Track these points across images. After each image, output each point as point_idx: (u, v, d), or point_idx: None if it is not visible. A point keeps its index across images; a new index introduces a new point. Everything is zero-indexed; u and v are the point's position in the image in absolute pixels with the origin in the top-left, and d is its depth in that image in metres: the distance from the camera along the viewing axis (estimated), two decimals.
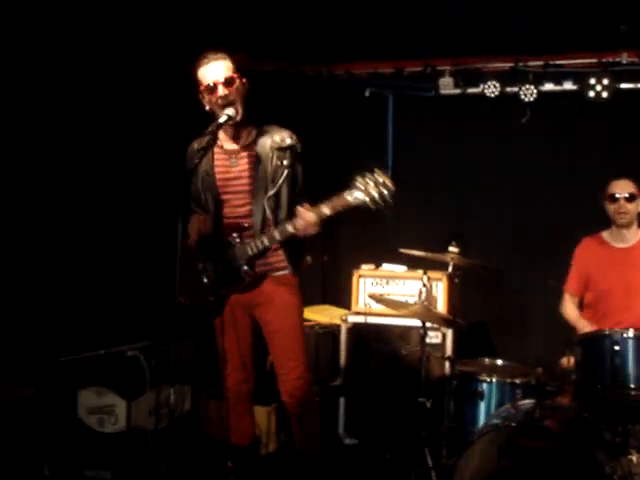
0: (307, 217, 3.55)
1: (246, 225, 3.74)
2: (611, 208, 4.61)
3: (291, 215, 3.68)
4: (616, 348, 3.54)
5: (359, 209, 3.51)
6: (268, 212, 3.70)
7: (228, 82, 3.64)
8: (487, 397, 4.11)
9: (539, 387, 3.89)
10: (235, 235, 3.72)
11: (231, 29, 5.30)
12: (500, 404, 4.08)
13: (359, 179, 3.46)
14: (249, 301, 3.82)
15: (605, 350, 3.56)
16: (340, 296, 5.79)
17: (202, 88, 3.67)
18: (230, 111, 3.60)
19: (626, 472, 3.58)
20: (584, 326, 4.48)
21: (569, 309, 4.75)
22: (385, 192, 3.42)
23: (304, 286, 3.95)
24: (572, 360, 3.93)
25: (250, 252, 3.69)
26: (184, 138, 3.94)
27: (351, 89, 5.96)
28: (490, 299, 5.68)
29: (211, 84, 3.63)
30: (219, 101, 3.61)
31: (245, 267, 3.71)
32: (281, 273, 3.81)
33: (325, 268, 6.16)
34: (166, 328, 3.36)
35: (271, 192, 3.70)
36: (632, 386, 3.50)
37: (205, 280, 3.78)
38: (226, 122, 3.61)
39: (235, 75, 3.67)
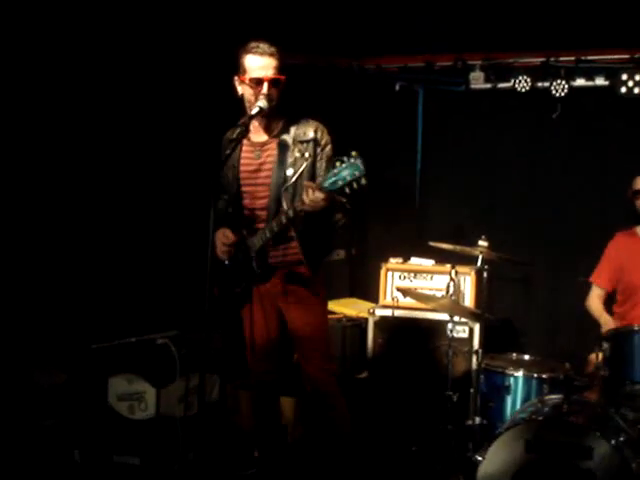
0: (310, 187, 3.47)
1: (261, 216, 3.74)
2: (637, 204, 4.60)
3: None
4: None
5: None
6: (284, 204, 3.67)
7: (275, 83, 3.64)
8: (514, 391, 4.12)
9: (567, 382, 3.87)
10: (250, 227, 3.73)
11: (263, 21, 5.33)
12: (527, 399, 4.08)
13: (335, 163, 3.35)
14: (274, 294, 3.83)
15: (634, 346, 3.55)
16: (368, 290, 5.82)
17: (245, 77, 3.66)
18: (262, 103, 3.62)
19: None
20: (607, 322, 4.49)
21: (594, 303, 4.74)
22: (357, 174, 3.29)
23: (332, 280, 3.97)
24: (601, 356, 3.92)
25: (258, 243, 3.70)
26: (218, 125, 3.97)
27: (381, 83, 5.96)
28: (518, 295, 5.69)
29: (258, 78, 3.62)
30: (261, 97, 3.60)
31: (256, 260, 3.71)
32: (296, 262, 3.76)
33: (353, 262, 6.17)
34: (197, 318, 3.40)
35: (289, 183, 3.65)
36: None
37: (230, 273, 3.81)
38: (258, 114, 3.63)
39: (282, 78, 3.66)
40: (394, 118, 6.07)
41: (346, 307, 5.61)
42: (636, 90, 5.20)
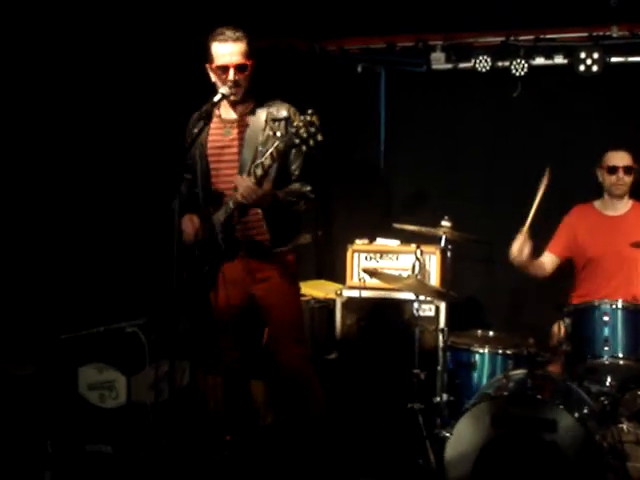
0: (241, 181, 3.55)
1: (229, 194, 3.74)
2: (609, 179, 4.68)
3: (279, 186, 3.70)
4: (605, 319, 3.62)
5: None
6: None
7: (241, 68, 3.67)
8: (480, 368, 4.20)
9: (530, 357, 3.97)
10: (216, 205, 3.74)
11: (225, 6, 5.31)
12: (493, 374, 4.17)
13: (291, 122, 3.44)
14: (243, 277, 3.85)
15: (595, 321, 3.64)
16: (335, 271, 5.87)
17: (213, 64, 3.69)
18: (225, 90, 3.63)
19: (616, 439, 3.69)
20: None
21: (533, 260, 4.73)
22: (312, 130, 3.33)
23: (299, 262, 4.00)
24: (562, 328, 4.01)
25: (222, 218, 3.71)
26: (181, 111, 3.98)
27: (344, 65, 5.96)
28: (482, 272, 5.75)
29: (224, 65, 3.65)
30: (228, 83, 3.62)
31: (220, 235, 3.72)
32: (264, 243, 3.80)
33: (319, 243, 6.21)
34: (164, 303, 3.41)
35: (258, 161, 3.61)
36: (621, 356, 3.57)
37: (197, 252, 3.81)
38: (220, 101, 3.64)
39: (249, 62, 3.69)
40: (357, 100, 6.07)
41: (314, 289, 5.64)
42: (594, 68, 5.27)
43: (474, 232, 4.78)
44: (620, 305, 3.62)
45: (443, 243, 4.34)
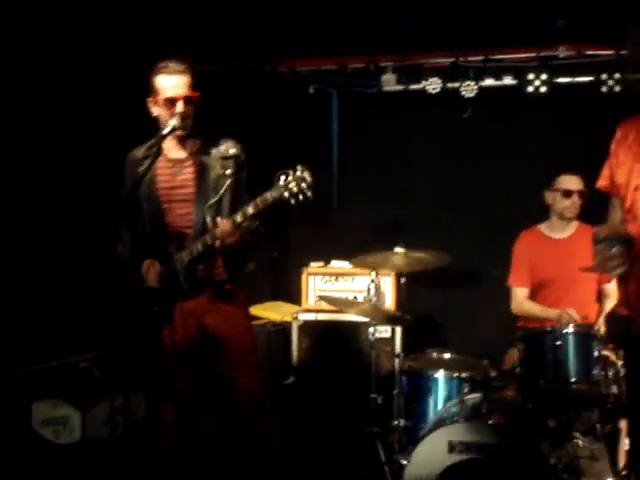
0: (222, 225, 3.59)
1: (187, 233, 3.76)
2: (563, 202, 4.74)
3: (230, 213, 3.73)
4: (557, 343, 3.66)
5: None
6: (209, 220, 3.71)
7: (189, 100, 3.66)
8: (435, 392, 4.18)
9: (485, 381, 4.00)
10: (176, 244, 3.75)
11: (172, 31, 5.29)
12: (448, 398, 4.16)
13: (280, 176, 3.47)
14: (197, 309, 3.85)
15: (547, 346, 3.68)
16: (291, 292, 5.85)
17: (158, 98, 3.67)
18: (175, 121, 3.61)
19: (572, 457, 3.73)
20: (552, 312, 4.52)
21: (527, 303, 4.80)
22: (304, 186, 3.43)
23: (255, 283, 4.02)
24: (516, 352, 4.05)
25: (186, 259, 3.72)
26: (125, 146, 3.95)
27: (295, 86, 5.98)
28: (439, 291, 5.80)
29: (172, 97, 3.63)
30: (176, 116, 3.61)
31: (183, 274, 3.73)
32: (222, 281, 3.84)
33: (275, 264, 6.21)
34: (117, 337, 3.39)
35: (213, 200, 3.71)
36: (573, 380, 3.62)
37: (151, 291, 3.80)
38: (170, 133, 3.63)
39: (195, 94, 3.68)
40: (309, 121, 6.10)
41: (270, 311, 5.64)
42: (543, 89, 5.35)
43: (430, 249, 4.81)
44: (571, 330, 3.67)
45: (397, 274, 4.36)
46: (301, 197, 3.43)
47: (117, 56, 5.02)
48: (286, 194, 3.43)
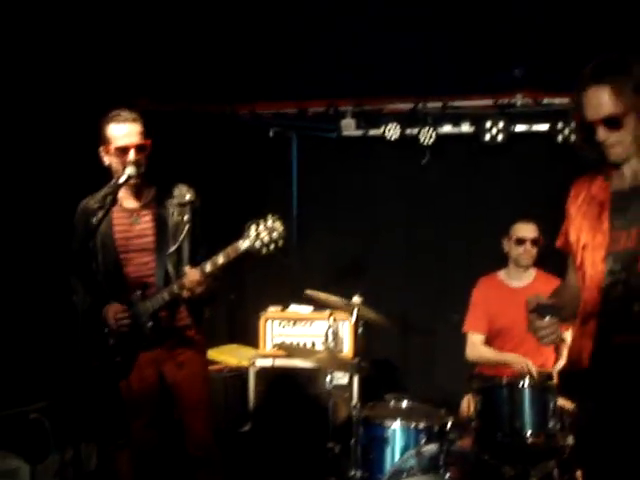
0: (191, 275, 3.58)
1: (149, 282, 3.74)
2: (516, 250, 4.77)
3: (192, 256, 3.76)
4: (513, 397, 3.65)
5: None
6: (170, 268, 3.73)
7: (141, 148, 3.65)
8: (392, 443, 4.14)
9: (442, 432, 3.97)
10: (138, 293, 3.72)
11: (132, 73, 5.28)
12: (405, 449, 4.13)
13: (251, 225, 3.48)
14: (157, 357, 3.83)
15: (503, 399, 3.67)
16: (248, 335, 5.80)
17: (110, 147, 3.65)
18: (130, 170, 3.58)
19: None
20: (512, 358, 4.53)
21: (482, 349, 4.79)
22: (275, 235, 3.46)
23: (212, 326, 3.99)
24: (472, 404, 4.04)
25: (151, 309, 3.70)
26: (75, 196, 3.90)
27: (255, 129, 5.98)
28: (397, 335, 5.77)
29: (123, 146, 3.61)
30: (128, 164, 3.58)
31: (148, 324, 3.70)
32: (185, 329, 3.84)
33: (233, 307, 6.15)
34: (69, 386, 3.32)
35: (172, 248, 3.74)
36: (529, 433, 3.61)
37: (111, 341, 3.75)
38: (126, 182, 3.59)
39: (147, 142, 3.67)
40: (269, 164, 6.10)
41: (227, 355, 5.57)
42: (500, 137, 5.40)
43: (389, 295, 4.82)
44: (527, 383, 3.67)
45: (354, 319, 4.34)
46: (272, 247, 3.46)
47: (73, 100, 4.95)
48: (257, 244, 3.45)
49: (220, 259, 3.55)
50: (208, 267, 3.57)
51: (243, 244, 3.48)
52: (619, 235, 2.59)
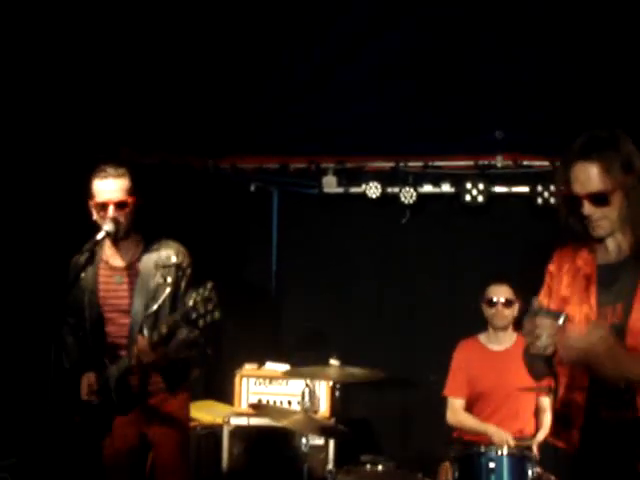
0: (139, 343, 3.53)
1: (123, 345, 3.67)
2: (489, 312, 4.76)
3: (170, 333, 3.59)
4: (491, 465, 3.61)
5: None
6: (145, 331, 3.61)
7: (121, 205, 3.59)
8: None
9: None
10: (111, 355, 3.65)
11: (115, 124, 5.26)
12: None
13: (191, 294, 3.38)
14: (138, 418, 3.76)
15: (481, 467, 3.63)
16: (224, 391, 5.72)
17: (93, 201, 3.61)
18: (109, 227, 3.54)
19: None
20: (489, 428, 4.48)
21: (462, 416, 4.74)
22: (209, 306, 3.34)
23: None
24: (449, 470, 3.98)
25: (116, 373, 3.63)
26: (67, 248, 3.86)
27: (237, 183, 5.98)
28: (374, 396, 5.72)
29: (102, 202, 3.57)
30: (107, 221, 3.54)
31: (114, 391, 3.63)
32: (159, 393, 3.76)
33: (209, 362, 6.06)
34: (37, 443, 3.24)
35: (150, 310, 3.65)
36: None
37: (91, 401, 3.70)
38: (104, 239, 3.55)
39: (129, 199, 3.61)
40: (249, 219, 6.08)
41: (202, 411, 5.46)
42: (480, 198, 5.43)
43: (364, 356, 4.73)
44: (505, 452, 3.63)
45: (331, 382, 4.29)
46: (209, 318, 3.33)
47: (60, 150, 4.92)
48: (193, 315, 3.31)
49: (163, 328, 3.47)
50: (155, 336, 3.48)
51: (179, 315, 3.41)
52: (606, 310, 2.57)
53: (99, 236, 3.52)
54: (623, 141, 2.54)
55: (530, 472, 3.65)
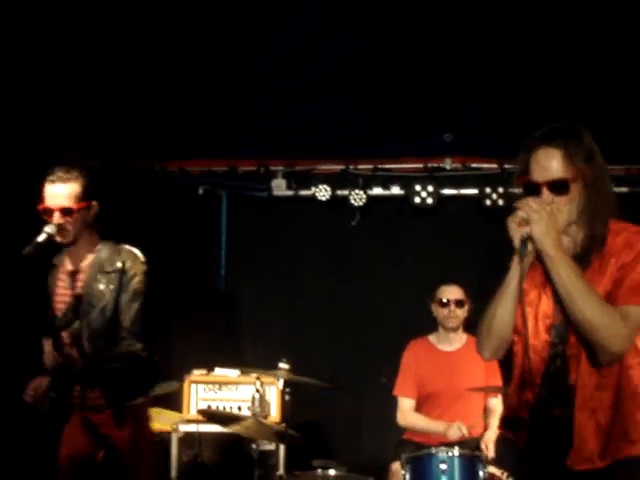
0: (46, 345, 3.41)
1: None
2: (441, 312, 4.76)
3: (111, 342, 3.49)
4: (442, 467, 3.60)
5: None
6: (84, 342, 3.45)
7: (66, 212, 3.43)
8: None
9: None
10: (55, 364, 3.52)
11: (60, 126, 5.16)
12: None
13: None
14: (90, 428, 3.59)
15: (432, 469, 3.62)
16: (173, 398, 5.61)
17: (40, 206, 3.46)
18: (49, 229, 3.41)
19: None
20: (439, 426, 4.46)
21: (412, 416, 4.72)
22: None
23: None
24: (400, 472, 3.96)
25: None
26: None
27: (185, 186, 5.89)
28: (326, 399, 5.67)
29: (47, 207, 3.43)
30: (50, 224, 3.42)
31: (54, 399, 3.48)
32: (100, 409, 3.56)
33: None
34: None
35: (90, 317, 3.48)
36: None
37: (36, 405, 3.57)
38: (45, 241, 3.41)
39: (76, 206, 3.45)
40: (198, 222, 5.97)
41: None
42: (429, 200, 5.45)
43: (315, 358, 4.72)
44: (457, 453, 3.62)
45: (281, 386, 4.23)
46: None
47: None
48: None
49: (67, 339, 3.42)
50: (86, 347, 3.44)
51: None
52: (559, 307, 2.53)
53: (39, 238, 3.38)
54: (585, 133, 2.52)
55: (481, 473, 3.65)
